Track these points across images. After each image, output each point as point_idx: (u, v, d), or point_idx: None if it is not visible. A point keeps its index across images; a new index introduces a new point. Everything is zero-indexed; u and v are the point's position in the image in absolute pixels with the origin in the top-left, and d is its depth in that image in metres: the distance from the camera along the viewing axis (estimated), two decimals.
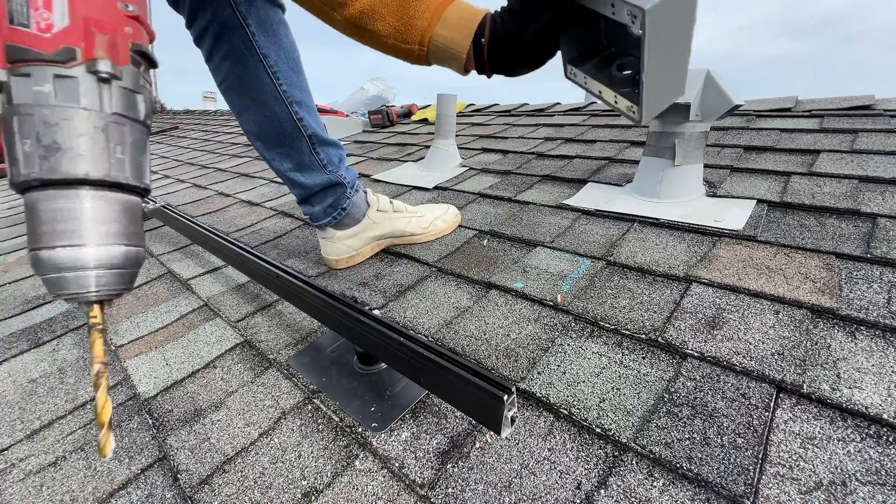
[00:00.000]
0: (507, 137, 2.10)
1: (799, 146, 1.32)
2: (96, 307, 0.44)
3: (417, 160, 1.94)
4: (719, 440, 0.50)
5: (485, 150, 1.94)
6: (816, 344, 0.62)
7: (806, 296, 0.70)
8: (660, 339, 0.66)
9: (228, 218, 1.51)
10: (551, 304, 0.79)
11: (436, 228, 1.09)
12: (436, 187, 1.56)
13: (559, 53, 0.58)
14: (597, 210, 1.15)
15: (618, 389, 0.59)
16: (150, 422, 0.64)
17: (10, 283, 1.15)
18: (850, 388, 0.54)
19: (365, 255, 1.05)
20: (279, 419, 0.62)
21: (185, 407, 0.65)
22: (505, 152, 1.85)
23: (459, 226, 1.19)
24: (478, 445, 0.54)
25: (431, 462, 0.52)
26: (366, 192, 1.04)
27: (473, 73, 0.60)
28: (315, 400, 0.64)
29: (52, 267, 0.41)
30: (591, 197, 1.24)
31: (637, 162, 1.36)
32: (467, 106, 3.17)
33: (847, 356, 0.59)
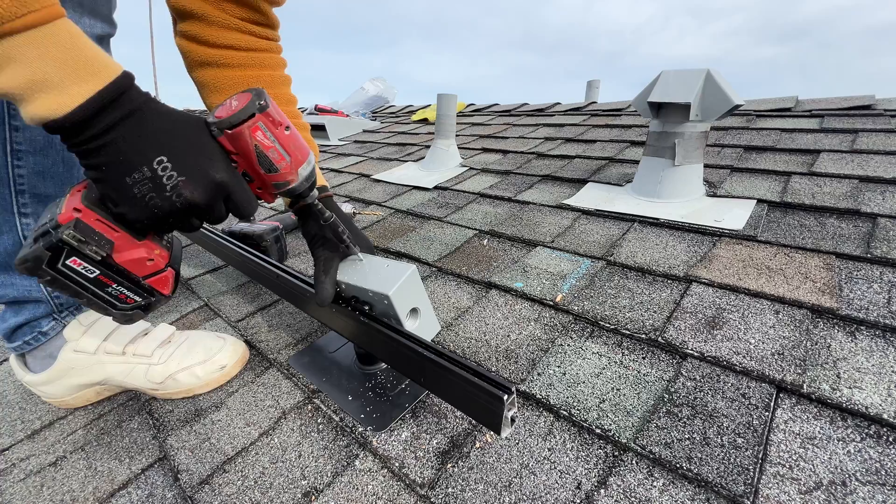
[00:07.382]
0: (507, 137, 2.10)
1: (799, 146, 1.32)
2: None
3: (417, 160, 1.94)
4: (719, 440, 0.50)
5: (485, 150, 1.94)
6: (816, 344, 0.62)
7: (806, 296, 0.70)
8: (660, 339, 0.66)
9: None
10: (551, 304, 0.79)
11: (177, 386, 0.67)
12: (436, 187, 1.56)
13: None
14: (597, 210, 1.15)
15: (618, 390, 0.59)
16: (151, 422, 0.64)
17: None
18: (850, 388, 0.54)
19: (83, 401, 0.69)
20: (279, 419, 0.62)
21: (185, 407, 0.66)
22: (505, 152, 1.85)
23: (459, 226, 1.19)
24: (478, 445, 0.54)
25: (431, 462, 0.53)
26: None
27: (481, 70, 0.57)
28: (315, 400, 0.64)
29: None
30: (592, 197, 1.24)
31: (637, 162, 1.36)
32: (467, 106, 3.17)
33: (847, 356, 0.59)
